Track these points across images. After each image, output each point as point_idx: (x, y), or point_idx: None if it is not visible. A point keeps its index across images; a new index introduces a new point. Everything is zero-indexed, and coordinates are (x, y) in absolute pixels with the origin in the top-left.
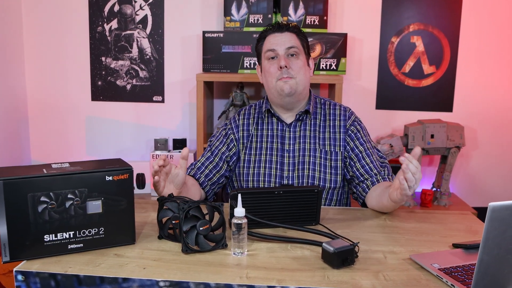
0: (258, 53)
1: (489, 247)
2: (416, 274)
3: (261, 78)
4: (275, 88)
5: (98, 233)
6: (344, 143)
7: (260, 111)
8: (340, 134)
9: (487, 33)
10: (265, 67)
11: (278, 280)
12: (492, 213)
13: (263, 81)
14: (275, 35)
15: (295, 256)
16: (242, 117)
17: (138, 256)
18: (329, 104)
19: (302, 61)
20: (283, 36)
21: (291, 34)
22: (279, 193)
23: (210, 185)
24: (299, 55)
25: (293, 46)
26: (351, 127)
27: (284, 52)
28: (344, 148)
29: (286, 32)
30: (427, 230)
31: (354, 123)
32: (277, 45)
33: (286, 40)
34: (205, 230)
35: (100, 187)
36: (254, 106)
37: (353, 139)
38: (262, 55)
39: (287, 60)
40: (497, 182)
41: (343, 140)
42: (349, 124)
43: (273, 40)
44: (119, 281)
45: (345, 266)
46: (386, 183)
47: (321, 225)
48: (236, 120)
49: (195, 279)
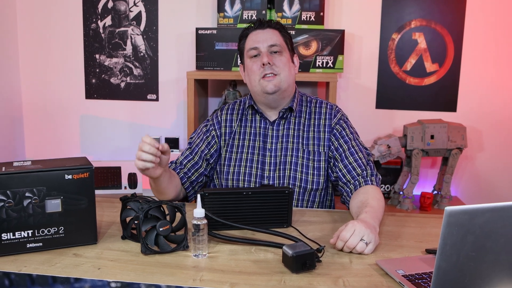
0: (241, 52)
1: (446, 253)
2: (379, 280)
3: (244, 77)
4: (259, 87)
5: (58, 232)
6: (328, 143)
7: (244, 107)
8: (324, 133)
9: (493, 29)
10: (248, 65)
11: (231, 284)
12: (449, 218)
13: (246, 81)
14: (257, 32)
15: (256, 259)
16: (225, 112)
17: (97, 256)
18: (315, 102)
19: (286, 58)
20: (265, 33)
21: (273, 31)
22: (247, 194)
23: (190, 183)
24: (282, 52)
25: (276, 43)
26: (336, 126)
27: (267, 49)
28: (328, 148)
29: (268, 29)
30: (404, 234)
31: (340, 121)
32: (259, 43)
33: (268, 37)
34: (165, 230)
35: (59, 185)
36: (238, 102)
37: (338, 138)
38: (245, 54)
39: (270, 57)
40: (503, 186)
41: (327, 139)
42: (334, 123)
43: (255, 38)
44: (71, 281)
45: (304, 270)
46: (363, 198)
47: (293, 227)
48: (218, 116)
49: (148, 281)
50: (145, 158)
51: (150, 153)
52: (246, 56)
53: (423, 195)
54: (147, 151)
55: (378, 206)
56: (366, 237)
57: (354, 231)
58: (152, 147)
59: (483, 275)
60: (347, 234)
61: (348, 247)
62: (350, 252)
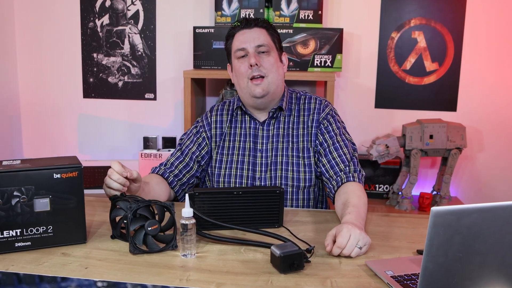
0: (228, 52)
1: (433, 254)
2: (367, 281)
3: (232, 77)
4: (247, 90)
5: (47, 231)
6: (314, 138)
7: (233, 108)
8: (312, 128)
9: (494, 27)
10: (235, 66)
11: (217, 284)
12: (436, 218)
13: (234, 81)
14: (244, 32)
15: (245, 259)
16: (215, 113)
17: (85, 255)
18: (304, 98)
19: (274, 58)
20: (252, 33)
21: (261, 30)
22: (238, 194)
23: (180, 185)
24: (270, 52)
25: (263, 43)
26: (323, 121)
27: (254, 50)
28: (314, 143)
29: (255, 28)
30: (396, 235)
31: (328, 116)
32: (246, 43)
33: (255, 36)
34: (154, 230)
35: (48, 184)
36: (228, 103)
37: (323, 132)
38: (232, 54)
39: (257, 58)
40: (504, 186)
41: (314, 135)
42: (322, 118)
43: (242, 38)
44: (57, 280)
45: (292, 271)
46: (344, 198)
47: (285, 228)
48: (208, 117)
49: (135, 280)
50: (112, 187)
51: (118, 183)
52: (234, 56)
53: (421, 195)
54: (115, 180)
55: (360, 204)
56: (361, 241)
57: (350, 236)
58: (120, 177)
59: (470, 276)
60: (343, 240)
61: (345, 254)
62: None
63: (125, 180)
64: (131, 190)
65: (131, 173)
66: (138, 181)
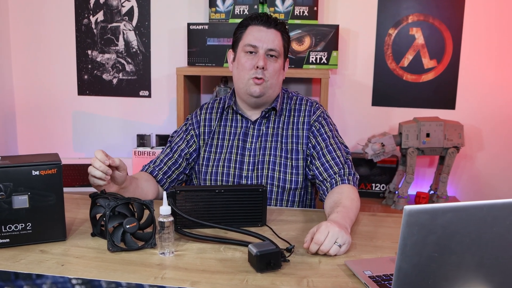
0: (236, 39)
1: (407, 254)
2: (344, 281)
3: (231, 65)
4: (246, 85)
5: (25, 228)
6: (306, 141)
7: (224, 106)
8: (303, 131)
9: (493, 24)
10: (240, 58)
11: (192, 282)
12: (409, 217)
13: (232, 69)
14: (260, 29)
15: (223, 258)
16: (205, 111)
17: (63, 253)
18: (295, 99)
19: (279, 65)
20: (268, 33)
21: (277, 33)
22: (220, 192)
23: (170, 182)
24: (278, 58)
25: (275, 48)
26: (315, 123)
27: (265, 52)
28: (306, 146)
29: (272, 29)
30: (381, 234)
31: (319, 118)
32: (260, 42)
33: (270, 39)
34: (132, 228)
35: (26, 181)
36: (218, 101)
37: (316, 135)
38: (240, 45)
39: (265, 61)
40: (504, 186)
41: (306, 137)
42: (313, 120)
43: (257, 35)
44: (33, 277)
45: (269, 270)
46: (337, 197)
47: (268, 226)
48: (197, 115)
49: (109, 278)
50: (95, 174)
51: (100, 170)
52: (241, 48)
53: (418, 195)
54: (97, 168)
55: (352, 206)
56: (340, 239)
57: (328, 233)
58: (102, 165)
59: (447, 276)
60: (321, 236)
61: (322, 251)
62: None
63: (107, 168)
64: (116, 179)
65: (113, 160)
66: (122, 169)
